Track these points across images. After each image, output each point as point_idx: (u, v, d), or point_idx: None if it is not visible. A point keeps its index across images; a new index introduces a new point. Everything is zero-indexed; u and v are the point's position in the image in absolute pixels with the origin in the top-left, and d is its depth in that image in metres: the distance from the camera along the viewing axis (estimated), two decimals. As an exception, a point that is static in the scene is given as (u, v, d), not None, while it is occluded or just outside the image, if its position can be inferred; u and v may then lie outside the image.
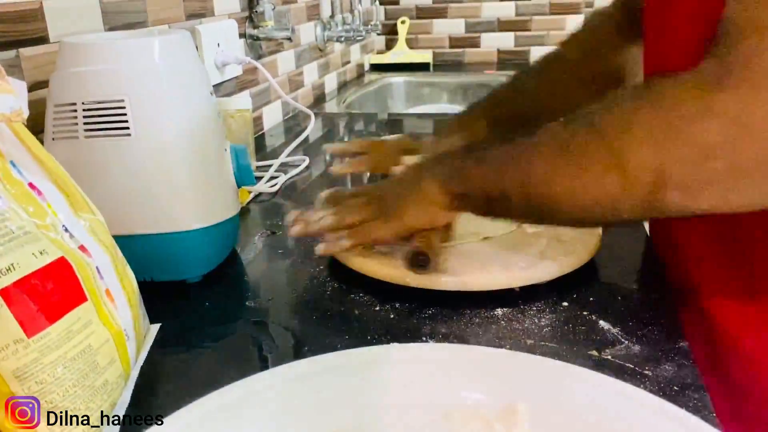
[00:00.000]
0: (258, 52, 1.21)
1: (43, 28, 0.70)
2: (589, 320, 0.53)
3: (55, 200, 0.42)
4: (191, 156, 0.59)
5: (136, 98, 0.56)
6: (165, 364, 0.51)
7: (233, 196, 0.65)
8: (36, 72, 0.68)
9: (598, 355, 0.49)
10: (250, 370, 0.49)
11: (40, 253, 0.39)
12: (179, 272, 0.61)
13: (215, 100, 0.64)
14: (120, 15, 0.82)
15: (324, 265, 0.66)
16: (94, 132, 0.57)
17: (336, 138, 1.24)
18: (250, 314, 0.58)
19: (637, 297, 0.57)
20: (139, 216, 0.58)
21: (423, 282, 0.57)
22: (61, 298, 0.39)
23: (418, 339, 0.52)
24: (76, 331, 0.40)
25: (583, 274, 0.60)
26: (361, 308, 0.57)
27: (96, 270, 0.42)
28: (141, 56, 0.58)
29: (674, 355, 0.48)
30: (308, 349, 0.52)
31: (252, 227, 0.78)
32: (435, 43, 1.99)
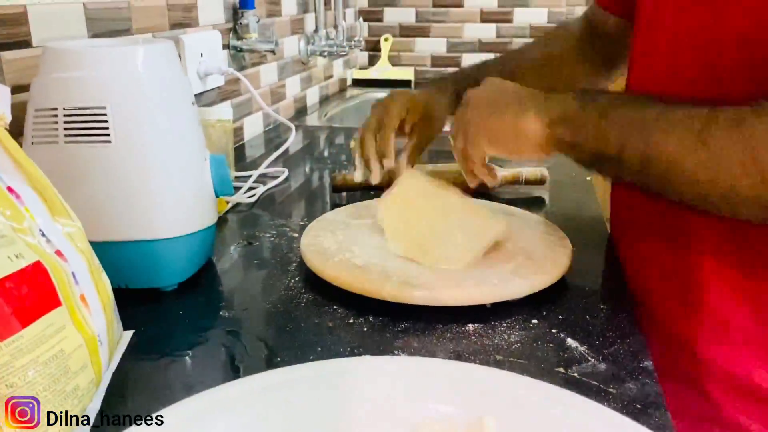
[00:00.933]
0: (241, 63, 1.22)
1: (27, 32, 0.70)
2: (558, 338, 0.55)
3: (33, 204, 0.42)
4: (170, 164, 0.60)
5: (118, 106, 0.57)
6: (137, 371, 0.51)
7: (211, 205, 0.65)
8: (17, 75, 0.68)
9: (565, 372, 0.50)
10: (223, 380, 0.49)
11: (16, 256, 0.39)
12: (154, 280, 0.61)
13: (196, 110, 0.64)
14: (104, 22, 0.82)
15: (299, 276, 0.66)
16: (75, 138, 0.57)
17: (315, 151, 1.25)
18: (224, 324, 0.59)
19: (605, 316, 0.58)
20: (116, 223, 0.58)
21: (397, 296, 0.58)
22: (35, 302, 0.39)
23: (390, 352, 0.53)
24: (49, 335, 0.40)
25: (554, 292, 0.61)
26: (334, 320, 0.58)
27: (71, 275, 0.43)
28: (124, 64, 0.58)
29: (638, 374, 0.49)
30: (281, 359, 0.52)
31: (229, 237, 0.78)
32: (417, 61, 2.01)
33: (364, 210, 0.78)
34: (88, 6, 0.79)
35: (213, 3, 1.11)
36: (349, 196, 0.91)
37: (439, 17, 1.96)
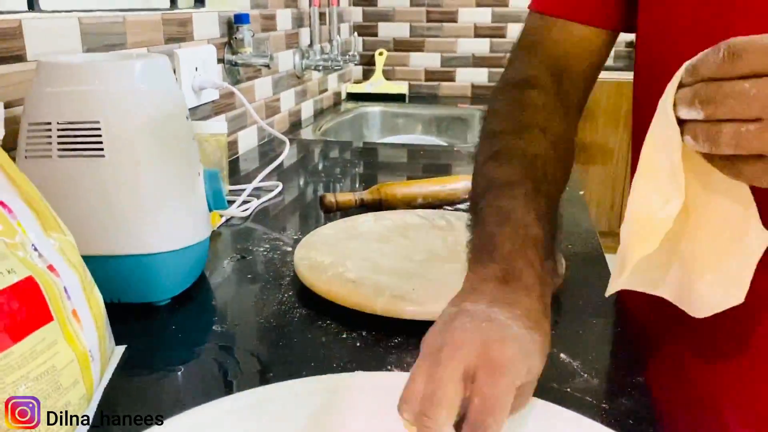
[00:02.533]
0: (236, 77, 1.22)
1: (21, 47, 0.70)
2: (551, 353, 0.54)
3: (26, 219, 0.42)
4: (164, 179, 0.60)
5: (112, 120, 0.57)
6: (129, 386, 0.51)
7: (204, 219, 0.65)
8: (11, 90, 0.68)
9: (558, 387, 0.50)
10: (215, 395, 0.49)
11: (8, 271, 0.39)
12: (147, 294, 0.61)
13: (190, 125, 0.65)
14: (99, 36, 0.83)
15: (292, 291, 0.66)
16: (68, 152, 0.57)
17: (310, 165, 1.25)
18: (216, 338, 0.58)
19: (598, 331, 0.58)
20: (109, 237, 0.58)
21: (390, 311, 0.58)
22: (26, 318, 0.39)
23: (383, 368, 0.53)
24: (41, 351, 0.40)
25: (547, 308, 0.61)
26: (327, 335, 0.58)
27: (64, 290, 0.43)
28: (118, 79, 0.58)
29: (631, 390, 0.49)
30: (273, 375, 0.52)
31: (222, 251, 0.78)
32: (411, 76, 2.02)
33: (358, 225, 0.79)
34: (83, 20, 0.79)
35: (208, 17, 1.11)
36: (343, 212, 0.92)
37: (433, 32, 1.98)
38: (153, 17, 0.95)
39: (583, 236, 0.82)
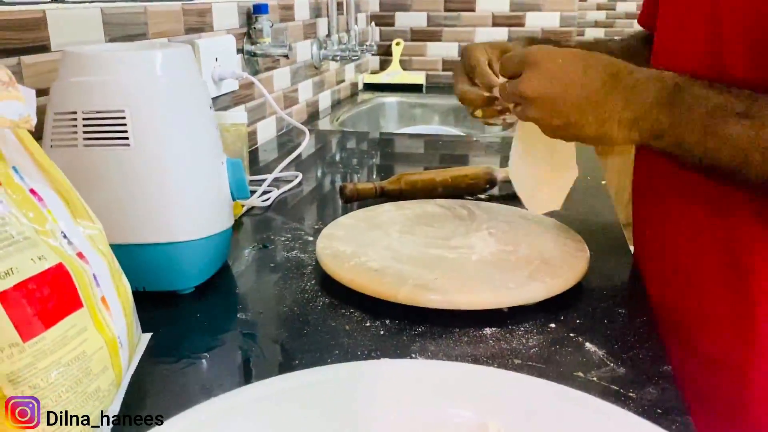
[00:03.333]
0: (255, 67, 1.22)
1: (46, 37, 0.71)
2: (576, 342, 0.54)
3: (56, 207, 0.43)
4: (189, 168, 0.60)
5: (137, 109, 0.57)
6: (155, 373, 0.51)
7: (227, 209, 0.66)
8: (36, 80, 0.69)
9: (583, 376, 0.50)
10: (240, 382, 0.49)
11: (39, 258, 0.39)
12: (172, 282, 0.62)
13: (214, 114, 0.65)
14: (121, 27, 0.83)
15: (315, 280, 0.66)
16: (93, 141, 0.57)
17: (327, 155, 1.25)
18: (240, 326, 0.59)
19: (623, 320, 0.58)
20: (134, 226, 0.59)
21: (413, 299, 0.58)
22: (57, 304, 0.40)
23: (407, 356, 0.53)
24: (71, 336, 0.40)
25: (571, 297, 0.61)
26: (351, 324, 0.58)
27: (93, 277, 0.43)
28: (143, 68, 0.58)
29: (658, 379, 0.49)
30: (298, 362, 0.52)
31: (244, 240, 0.78)
32: (428, 66, 2.01)
33: (379, 214, 0.78)
34: (105, 11, 0.80)
35: (227, 8, 1.11)
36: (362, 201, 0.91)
37: (451, 21, 1.96)
38: (173, 7, 0.95)
39: (606, 226, 0.81)
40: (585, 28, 3.12)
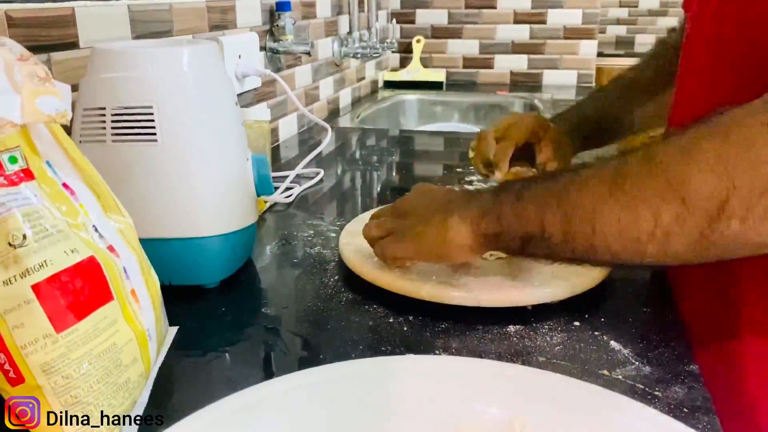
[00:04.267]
0: (277, 65, 1.23)
1: (74, 34, 0.72)
2: (600, 340, 0.54)
3: (87, 201, 0.43)
4: (214, 164, 0.61)
5: (164, 105, 0.58)
6: (182, 366, 0.52)
7: (252, 204, 0.66)
8: (65, 76, 0.70)
9: (608, 374, 0.49)
10: (265, 376, 0.50)
11: (71, 251, 0.40)
12: (198, 277, 0.62)
13: (239, 110, 0.65)
14: (147, 24, 0.84)
15: (338, 276, 0.67)
16: (122, 137, 0.58)
17: (348, 152, 1.26)
18: (265, 321, 0.59)
19: (648, 319, 0.58)
20: (161, 220, 0.59)
21: (437, 296, 0.58)
22: (89, 296, 0.40)
23: (431, 352, 0.53)
24: (102, 328, 0.41)
25: (595, 295, 0.60)
26: (375, 319, 0.58)
27: (123, 270, 0.44)
28: (170, 65, 0.59)
29: (684, 378, 0.49)
30: (322, 357, 0.53)
31: (267, 236, 0.79)
32: (449, 63, 2.01)
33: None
34: (131, 8, 0.81)
35: (250, 5, 1.12)
36: (381, 198, 0.92)
37: (472, 18, 1.96)
38: (198, 5, 0.96)
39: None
40: (607, 25, 3.09)
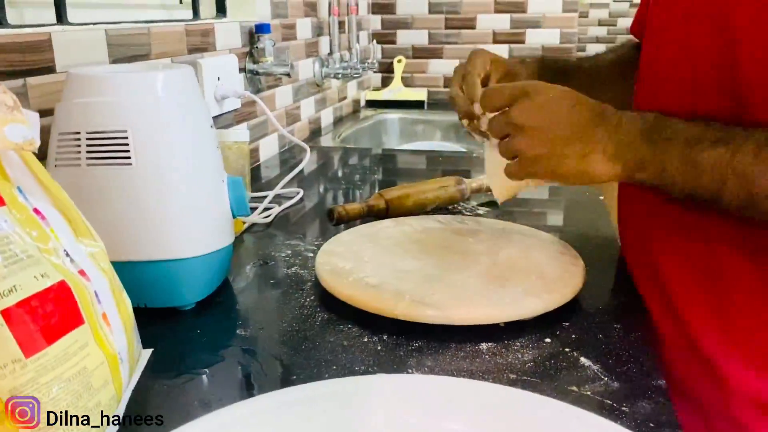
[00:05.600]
0: (257, 86, 1.24)
1: (51, 59, 0.72)
2: (571, 357, 0.55)
3: (58, 225, 0.44)
4: (189, 186, 0.61)
5: (139, 129, 0.59)
6: (155, 388, 0.52)
7: (228, 226, 0.67)
8: (42, 100, 0.70)
9: (578, 390, 0.50)
10: (240, 398, 0.50)
11: (42, 276, 0.40)
12: (173, 299, 0.63)
13: (215, 133, 0.66)
14: (124, 48, 0.85)
15: (314, 296, 0.67)
16: (96, 160, 0.59)
17: (329, 172, 1.27)
18: (240, 342, 0.60)
19: (618, 335, 0.59)
20: (136, 243, 0.60)
21: (411, 315, 0.59)
22: (59, 320, 0.41)
23: (404, 371, 0.53)
24: (73, 352, 0.41)
25: (567, 312, 0.61)
26: (349, 339, 0.59)
27: (94, 294, 0.44)
28: (145, 89, 0.60)
29: (651, 393, 0.50)
30: (297, 378, 0.53)
31: (245, 257, 0.79)
32: (430, 82, 2.03)
33: (378, 230, 0.79)
34: (109, 32, 0.82)
35: (230, 28, 1.13)
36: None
37: (452, 39, 1.98)
38: (176, 28, 0.97)
39: (603, 242, 0.82)
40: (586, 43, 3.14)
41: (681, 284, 0.61)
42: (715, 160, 0.51)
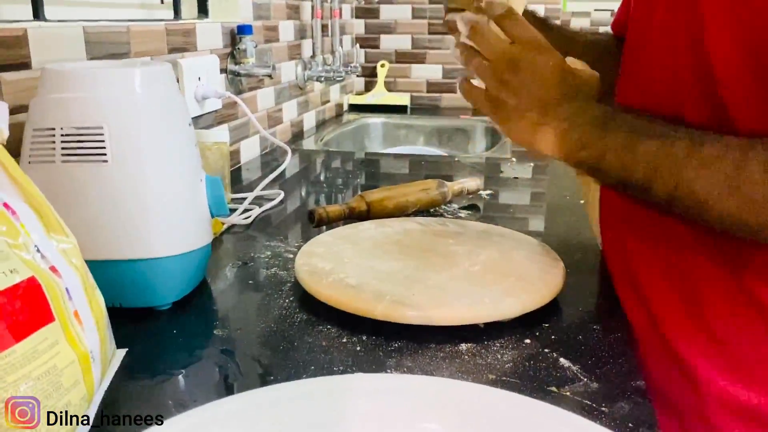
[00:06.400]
0: (238, 87, 1.23)
1: (26, 55, 0.71)
2: (550, 357, 0.55)
3: (29, 221, 0.43)
4: (166, 184, 0.60)
5: (115, 126, 0.58)
6: (129, 389, 0.51)
7: (206, 225, 0.66)
8: (16, 96, 0.69)
9: (557, 391, 0.50)
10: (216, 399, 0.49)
11: (11, 271, 0.39)
12: (149, 299, 0.61)
13: (193, 131, 0.65)
14: (103, 45, 0.84)
15: (293, 297, 0.66)
16: (72, 157, 0.58)
17: (311, 175, 1.26)
18: (217, 343, 0.59)
19: (597, 336, 0.59)
20: (111, 241, 0.59)
21: (389, 315, 0.58)
22: (28, 317, 0.40)
23: (383, 371, 0.53)
24: (42, 350, 0.40)
25: (546, 313, 0.61)
26: (328, 340, 0.58)
27: (65, 291, 0.43)
28: (121, 85, 0.59)
29: (630, 393, 0.50)
30: (274, 378, 0.52)
31: (224, 258, 0.78)
32: (413, 87, 2.03)
33: (359, 232, 0.79)
34: (87, 30, 0.80)
35: (211, 28, 1.12)
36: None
37: (435, 44, 1.99)
38: (157, 27, 0.96)
39: (583, 245, 0.82)
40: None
41: (656, 287, 0.61)
42: (650, 152, 0.52)
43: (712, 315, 0.57)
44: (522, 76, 0.58)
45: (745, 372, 0.56)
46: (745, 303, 0.55)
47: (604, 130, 0.55)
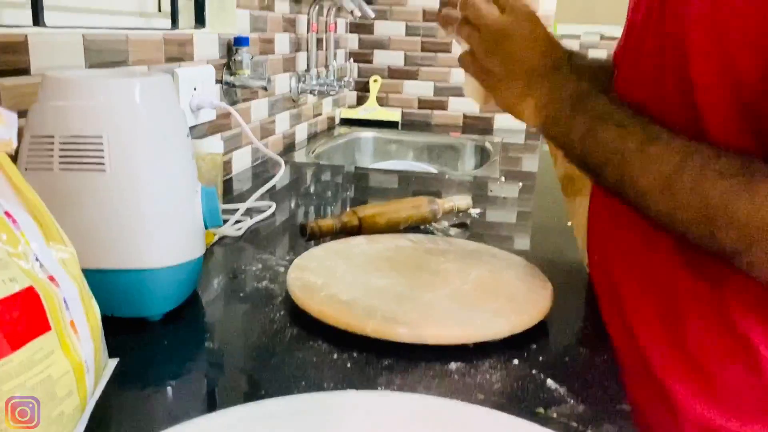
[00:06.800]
0: (233, 98, 1.24)
1: (26, 61, 0.71)
2: (538, 378, 0.56)
3: (29, 230, 0.43)
4: (163, 195, 0.61)
5: (114, 136, 0.58)
6: (120, 399, 0.51)
7: (200, 237, 0.66)
8: (15, 102, 0.69)
9: (544, 412, 0.51)
10: (206, 411, 0.49)
11: (10, 280, 0.40)
12: (141, 309, 0.62)
13: (190, 143, 0.66)
14: (102, 53, 0.84)
15: (284, 311, 0.67)
16: (69, 165, 0.58)
17: (302, 187, 1.26)
18: (207, 355, 0.59)
19: (584, 358, 0.60)
20: (106, 251, 0.59)
21: (381, 332, 0.59)
22: (25, 327, 0.40)
23: (373, 388, 0.53)
24: (38, 360, 0.40)
25: (535, 334, 0.62)
26: (318, 355, 0.58)
27: (63, 301, 0.43)
28: (122, 95, 0.59)
29: (616, 416, 0.50)
30: (264, 393, 0.53)
31: (215, 269, 0.79)
32: (404, 103, 2.05)
33: (350, 247, 0.80)
34: (86, 37, 0.81)
35: (208, 39, 1.13)
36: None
37: (428, 61, 2.01)
38: (155, 36, 0.96)
39: (570, 266, 0.83)
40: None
41: (640, 313, 0.62)
42: (607, 140, 0.55)
43: (694, 343, 0.58)
44: (509, 46, 0.62)
45: (724, 399, 0.57)
46: (727, 333, 0.56)
47: (574, 110, 0.59)
